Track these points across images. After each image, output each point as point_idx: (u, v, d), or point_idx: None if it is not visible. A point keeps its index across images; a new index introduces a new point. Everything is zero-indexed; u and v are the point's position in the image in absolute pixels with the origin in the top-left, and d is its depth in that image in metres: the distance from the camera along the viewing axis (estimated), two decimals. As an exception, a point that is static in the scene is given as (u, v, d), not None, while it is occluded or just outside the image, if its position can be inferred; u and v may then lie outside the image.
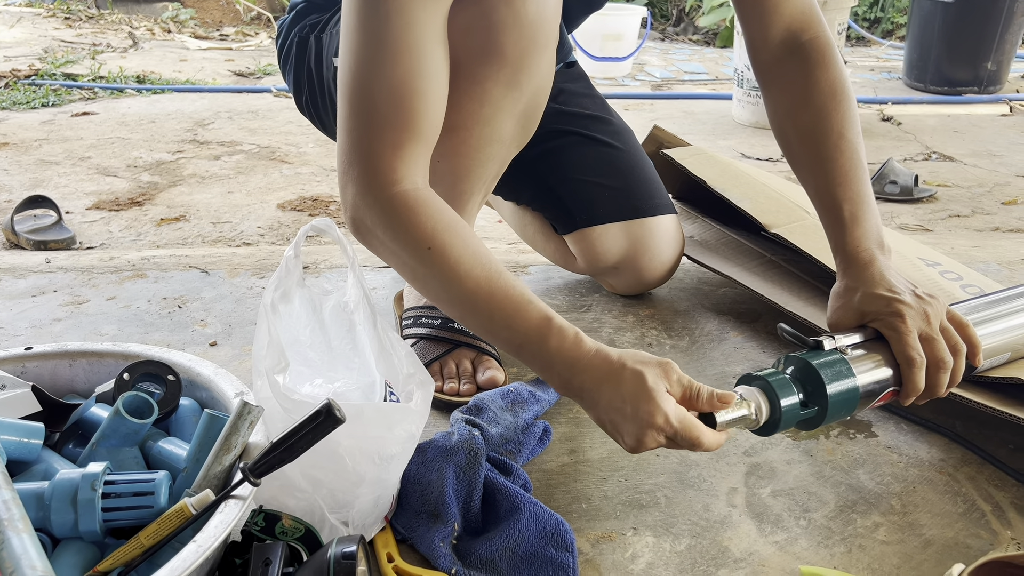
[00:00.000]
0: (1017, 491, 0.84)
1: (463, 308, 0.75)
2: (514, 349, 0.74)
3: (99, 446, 0.70)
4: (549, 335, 0.72)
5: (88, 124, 2.54)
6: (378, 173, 0.75)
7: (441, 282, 0.75)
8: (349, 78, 0.77)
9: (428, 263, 0.74)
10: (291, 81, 1.17)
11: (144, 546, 0.62)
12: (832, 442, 0.91)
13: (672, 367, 0.71)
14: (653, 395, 0.68)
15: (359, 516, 0.72)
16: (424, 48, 0.75)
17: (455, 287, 0.74)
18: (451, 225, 0.75)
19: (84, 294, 1.26)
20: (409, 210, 0.75)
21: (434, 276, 0.75)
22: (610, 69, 3.34)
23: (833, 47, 0.92)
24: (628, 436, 0.70)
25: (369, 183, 0.76)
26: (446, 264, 0.74)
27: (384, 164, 0.75)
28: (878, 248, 0.84)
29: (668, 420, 0.68)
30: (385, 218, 0.75)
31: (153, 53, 3.71)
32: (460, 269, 0.73)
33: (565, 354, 0.71)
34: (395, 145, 0.75)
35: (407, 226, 0.75)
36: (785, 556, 0.76)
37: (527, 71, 0.84)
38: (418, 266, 0.75)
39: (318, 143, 2.33)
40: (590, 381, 0.71)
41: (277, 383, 0.69)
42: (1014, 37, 2.99)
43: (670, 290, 1.26)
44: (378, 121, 0.76)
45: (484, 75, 0.83)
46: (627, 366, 0.70)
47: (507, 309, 0.73)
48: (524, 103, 0.88)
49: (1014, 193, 1.98)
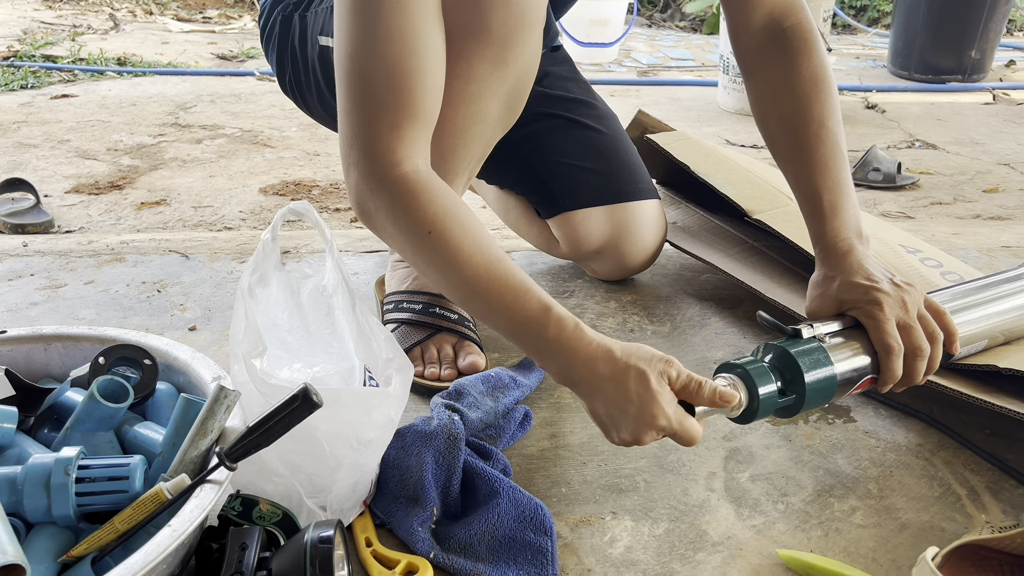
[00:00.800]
0: (992, 475, 0.85)
1: (463, 294, 0.75)
2: (513, 337, 0.74)
3: (73, 430, 0.69)
4: (548, 324, 0.71)
5: (68, 107, 2.51)
6: (378, 156, 0.75)
7: (441, 267, 0.74)
8: (345, 61, 0.76)
9: (428, 248, 0.74)
10: (274, 61, 1.16)
11: (119, 531, 0.61)
12: (811, 427, 0.92)
13: (673, 363, 0.71)
14: (657, 398, 0.68)
15: (337, 501, 0.72)
16: (419, 28, 0.75)
17: (455, 273, 0.73)
18: (452, 209, 0.74)
19: (62, 278, 1.25)
20: (409, 193, 0.74)
21: (434, 261, 0.74)
22: (596, 55, 3.33)
23: (815, 33, 0.92)
24: (625, 432, 0.70)
25: (370, 166, 0.75)
26: (446, 250, 0.73)
27: (383, 146, 0.75)
28: (857, 237, 0.84)
29: (670, 422, 0.69)
30: (386, 202, 0.75)
31: (134, 35, 3.66)
32: (460, 255, 0.73)
33: (564, 344, 0.71)
34: (393, 127, 0.75)
35: (407, 210, 0.74)
36: (763, 540, 0.76)
37: (514, 50, 0.84)
38: (419, 251, 0.75)
39: (301, 127, 2.31)
40: (590, 374, 0.70)
41: (254, 367, 0.68)
42: (998, 26, 3.00)
43: (652, 276, 1.26)
44: (376, 103, 0.75)
45: (470, 52, 0.82)
46: (631, 364, 0.69)
47: (506, 297, 0.72)
48: (510, 83, 0.87)
49: (995, 181, 1.99)
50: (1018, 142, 2.31)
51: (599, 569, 0.73)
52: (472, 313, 0.76)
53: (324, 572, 0.61)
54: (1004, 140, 2.34)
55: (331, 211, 1.74)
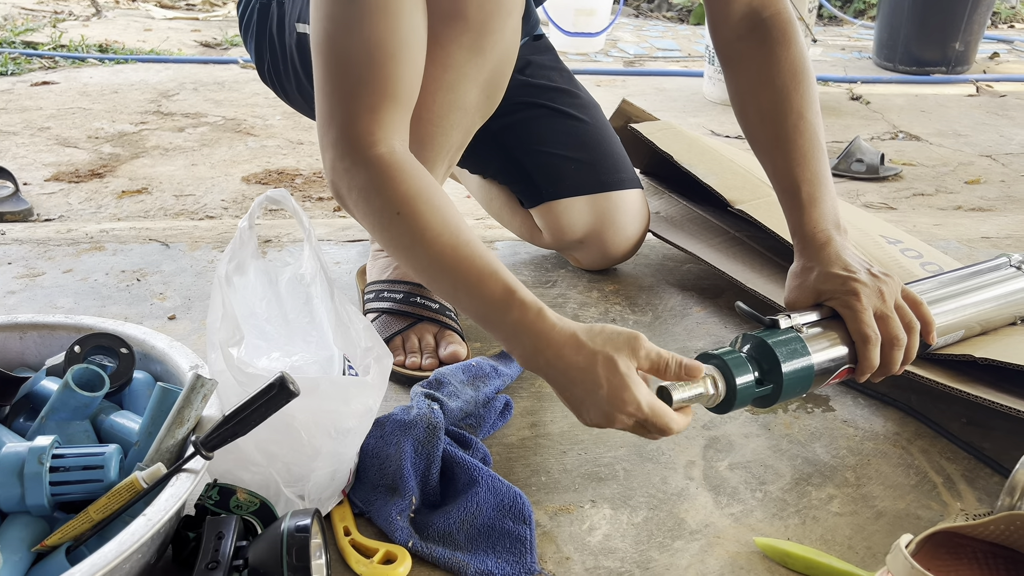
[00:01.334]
0: (968, 464, 0.85)
1: (429, 275, 0.74)
2: (479, 319, 0.73)
3: (48, 419, 0.69)
4: (511, 307, 0.71)
5: (48, 94, 2.48)
6: (355, 136, 0.74)
7: (409, 246, 0.74)
8: (324, 40, 0.75)
9: (398, 227, 0.73)
10: (252, 49, 1.15)
11: (93, 520, 0.61)
12: (790, 416, 0.92)
13: (640, 341, 0.70)
14: (626, 381, 0.68)
15: (315, 490, 0.72)
16: (400, 9, 0.74)
17: (422, 252, 0.73)
18: (424, 190, 0.74)
19: (40, 266, 1.23)
20: (383, 173, 0.74)
21: (403, 240, 0.74)
22: (583, 44, 3.32)
23: (794, 24, 0.92)
24: (595, 414, 0.70)
25: (346, 146, 0.75)
26: (415, 229, 0.73)
27: (361, 127, 0.74)
28: (835, 229, 0.85)
29: (640, 407, 0.68)
30: (360, 181, 0.74)
31: (117, 22, 3.62)
32: (428, 234, 0.72)
33: (527, 328, 0.71)
34: (371, 108, 0.74)
35: (380, 189, 0.74)
36: (740, 528, 0.77)
37: (491, 36, 0.83)
38: (389, 230, 0.74)
39: (285, 115, 2.29)
40: (557, 359, 0.70)
41: (231, 356, 0.68)
42: (982, 18, 3.01)
43: (635, 266, 1.26)
44: (353, 83, 0.74)
45: (448, 38, 0.82)
46: (598, 351, 0.69)
47: (471, 278, 0.72)
48: (488, 70, 0.87)
49: (977, 172, 2.01)
50: (1000, 134, 2.33)
51: (577, 557, 0.73)
52: (438, 293, 0.76)
53: (301, 561, 0.61)
54: (987, 132, 2.35)
55: (314, 200, 1.73)
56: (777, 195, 0.89)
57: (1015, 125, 2.42)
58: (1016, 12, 4.36)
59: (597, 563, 0.72)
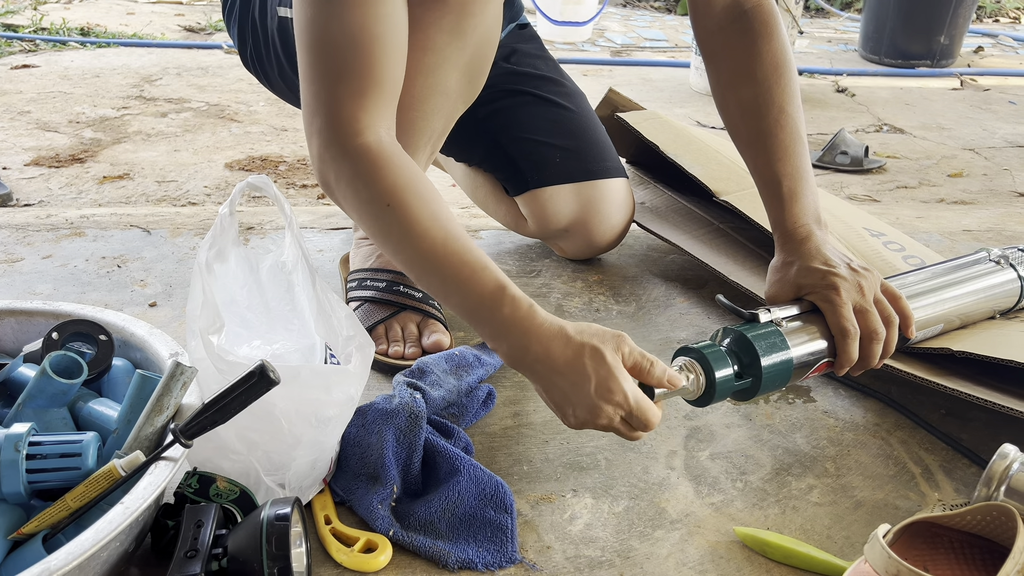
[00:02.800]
0: (946, 454, 0.86)
1: (418, 269, 0.74)
2: (467, 315, 0.73)
3: (25, 406, 0.68)
4: (502, 303, 0.71)
5: (28, 77, 2.44)
6: (340, 124, 0.73)
7: (399, 240, 0.73)
8: (307, 26, 0.74)
9: (387, 220, 0.73)
10: (235, 34, 1.14)
11: (71, 508, 0.61)
12: (771, 407, 0.93)
13: (625, 340, 0.70)
14: (613, 371, 0.68)
15: (296, 478, 0.72)
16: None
17: (411, 246, 0.72)
18: (413, 182, 0.73)
19: (18, 252, 1.22)
20: (372, 164, 0.73)
21: (392, 234, 0.73)
22: (570, 34, 3.30)
23: (776, 15, 0.92)
24: (580, 410, 0.70)
25: (332, 135, 0.74)
26: (405, 222, 0.72)
27: (347, 114, 0.73)
28: (815, 223, 0.85)
29: (626, 398, 0.68)
30: (348, 171, 0.73)
31: (99, 5, 3.57)
32: (417, 228, 0.72)
33: (518, 324, 0.70)
34: (357, 94, 0.73)
35: (367, 181, 0.73)
36: (721, 517, 0.77)
37: (471, 19, 0.83)
38: (378, 222, 0.73)
39: (269, 102, 2.27)
40: (544, 354, 0.70)
41: (211, 344, 0.67)
42: (967, 12, 3.03)
43: (619, 256, 1.26)
44: (338, 69, 0.73)
45: (428, 21, 0.81)
46: (585, 342, 0.69)
47: (462, 274, 0.71)
48: (469, 54, 0.86)
49: (960, 166, 2.02)
50: (983, 128, 2.34)
51: (558, 546, 0.73)
52: (427, 289, 0.75)
53: (280, 549, 0.61)
54: (970, 126, 2.37)
55: (298, 187, 1.72)
56: (758, 189, 0.90)
57: (998, 119, 2.44)
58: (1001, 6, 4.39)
59: (578, 552, 0.72)
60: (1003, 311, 0.95)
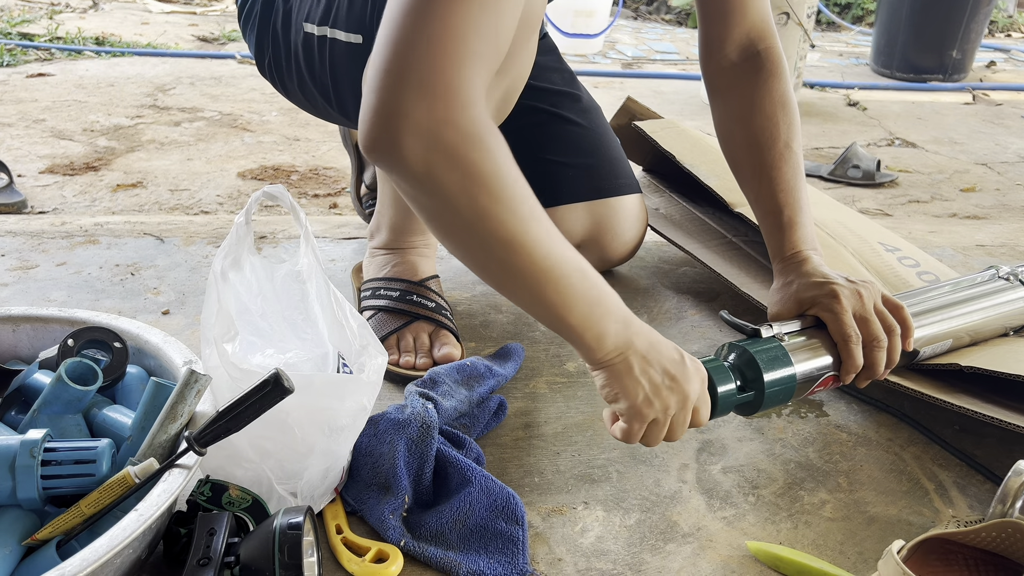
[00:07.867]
0: (960, 470, 0.85)
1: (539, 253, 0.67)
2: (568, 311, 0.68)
3: (41, 413, 0.68)
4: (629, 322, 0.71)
5: (44, 86, 2.47)
6: (456, 86, 0.60)
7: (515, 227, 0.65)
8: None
9: (505, 202, 0.64)
10: (253, 42, 1.14)
11: (85, 514, 0.61)
12: (783, 420, 0.93)
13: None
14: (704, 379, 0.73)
15: (308, 487, 0.72)
16: None
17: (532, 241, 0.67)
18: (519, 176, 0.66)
19: (33, 259, 1.23)
20: (490, 140, 0.62)
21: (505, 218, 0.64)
22: (581, 46, 3.32)
23: (784, 61, 0.95)
24: (655, 373, 0.70)
25: (439, 94, 0.59)
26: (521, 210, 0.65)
27: (465, 76, 0.60)
28: (812, 250, 0.89)
29: (696, 390, 0.71)
30: (456, 141, 0.60)
31: (114, 15, 3.61)
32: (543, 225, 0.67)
33: (637, 323, 0.71)
34: (479, 56, 0.61)
35: (484, 158, 0.62)
36: (733, 531, 0.77)
37: (512, 58, 0.82)
38: (495, 199, 0.63)
39: (282, 111, 2.29)
40: (658, 341, 0.71)
41: (225, 352, 0.68)
42: (979, 26, 3.02)
43: (631, 268, 1.26)
44: (463, 23, 0.60)
45: None
46: (668, 341, 0.72)
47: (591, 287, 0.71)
48: (504, 88, 0.87)
49: (973, 180, 2.01)
50: (996, 142, 2.34)
51: (569, 559, 0.73)
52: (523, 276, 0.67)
53: (292, 558, 0.61)
54: (982, 140, 2.36)
55: (309, 196, 1.73)
56: (758, 218, 0.93)
57: (1011, 134, 2.43)
58: (1013, 21, 4.38)
59: (589, 565, 0.72)
60: (1016, 328, 0.95)
